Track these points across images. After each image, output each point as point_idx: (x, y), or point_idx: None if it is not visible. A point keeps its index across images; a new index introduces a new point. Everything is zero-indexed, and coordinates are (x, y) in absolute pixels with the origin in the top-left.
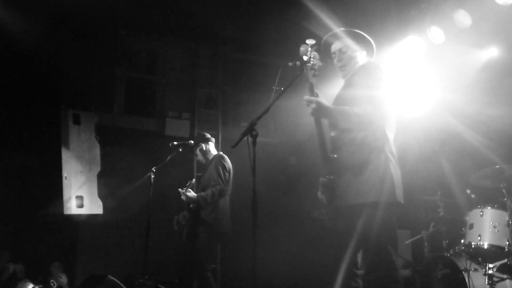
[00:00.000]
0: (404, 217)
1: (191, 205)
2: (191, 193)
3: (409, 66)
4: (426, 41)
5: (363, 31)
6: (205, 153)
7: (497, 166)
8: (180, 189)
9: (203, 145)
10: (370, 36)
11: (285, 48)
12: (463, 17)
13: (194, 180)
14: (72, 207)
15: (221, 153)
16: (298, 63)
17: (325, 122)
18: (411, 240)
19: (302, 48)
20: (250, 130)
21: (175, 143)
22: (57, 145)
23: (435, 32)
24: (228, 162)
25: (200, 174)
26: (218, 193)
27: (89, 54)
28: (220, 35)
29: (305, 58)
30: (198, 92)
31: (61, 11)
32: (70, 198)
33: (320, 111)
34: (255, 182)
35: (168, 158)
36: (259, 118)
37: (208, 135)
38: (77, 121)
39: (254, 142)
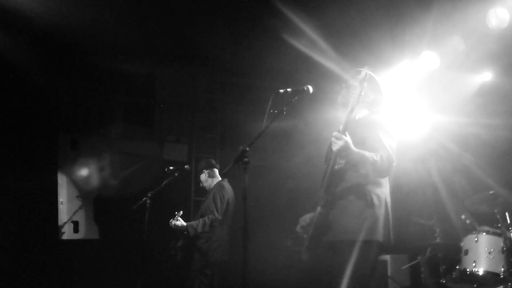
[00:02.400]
0: (402, 242)
1: (185, 232)
2: (180, 222)
3: (404, 90)
4: (420, 66)
5: (359, 56)
6: (208, 179)
7: (491, 192)
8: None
9: (207, 171)
10: (365, 61)
11: (283, 73)
12: (457, 42)
13: (181, 212)
14: (67, 232)
15: (222, 181)
16: (289, 90)
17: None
18: (407, 265)
19: (363, 72)
20: (241, 158)
21: (171, 168)
22: (53, 170)
23: (429, 57)
24: (228, 192)
25: (200, 198)
26: (209, 223)
27: (88, 79)
28: (219, 59)
29: (361, 81)
30: (196, 116)
31: (60, 36)
32: (65, 223)
33: (345, 150)
34: (246, 209)
35: (164, 183)
36: (250, 145)
37: (213, 161)
38: (74, 146)
39: (245, 169)
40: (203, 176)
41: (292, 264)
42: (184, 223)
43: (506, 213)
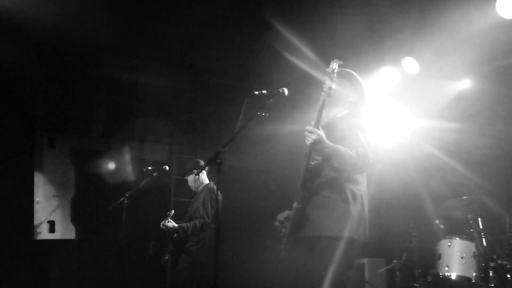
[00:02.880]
0: (379, 246)
1: (174, 235)
2: (171, 224)
3: (384, 95)
4: (401, 71)
5: (340, 61)
6: (197, 180)
7: (464, 197)
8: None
9: (196, 172)
10: (347, 66)
11: (264, 75)
12: (436, 49)
13: (173, 211)
14: (43, 232)
15: (212, 184)
16: (264, 92)
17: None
18: (383, 269)
19: (331, 65)
20: (215, 159)
21: (150, 168)
22: (30, 168)
23: (410, 63)
24: (218, 195)
25: (180, 199)
26: (200, 227)
27: (69, 77)
28: (201, 60)
29: (331, 74)
30: (178, 116)
31: (39, 33)
32: (41, 223)
33: (318, 144)
34: (218, 210)
35: (142, 183)
36: (224, 146)
37: (202, 162)
38: (52, 145)
39: (219, 170)
40: (191, 177)
41: (273, 265)
42: (176, 225)
43: (479, 219)
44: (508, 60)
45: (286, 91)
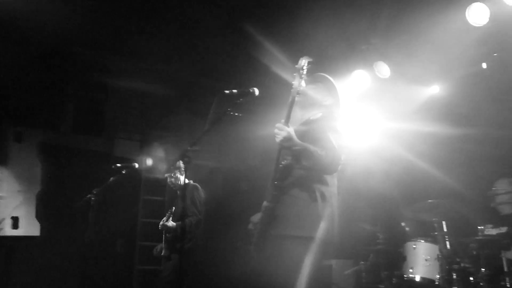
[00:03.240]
0: (347, 247)
1: (167, 235)
2: (171, 223)
3: (356, 98)
4: (372, 75)
5: (309, 58)
6: (177, 179)
7: (430, 201)
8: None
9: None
10: (319, 69)
11: (237, 75)
12: (407, 54)
13: (174, 208)
14: (6, 228)
15: (194, 183)
16: (234, 91)
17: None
18: (350, 270)
19: (300, 61)
20: (182, 157)
21: (119, 165)
22: None
23: (381, 67)
24: (202, 193)
25: (150, 198)
26: (195, 224)
27: (38, 70)
28: (174, 58)
29: (299, 71)
30: (150, 113)
31: (11, 26)
32: (4, 218)
33: (288, 142)
34: (185, 207)
35: (110, 180)
36: (192, 145)
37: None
38: (18, 139)
39: (186, 169)
40: (177, 175)
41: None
42: (174, 224)
43: (444, 222)
44: (475, 68)
45: (257, 91)
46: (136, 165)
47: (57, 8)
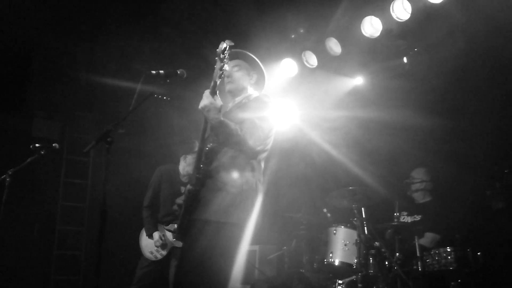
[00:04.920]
0: (270, 233)
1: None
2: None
3: (282, 87)
4: (301, 64)
5: (231, 42)
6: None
7: (350, 188)
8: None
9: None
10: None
11: (164, 56)
12: (334, 46)
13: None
14: None
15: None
16: (161, 72)
17: (208, 133)
18: (273, 255)
19: (221, 45)
20: (105, 137)
21: (37, 145)
22: None
23: (309, 56)
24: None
25: (71, 180)
26: None
27: None
28: (101, 36)
29: (220, 55)
30: (74, 94)
31: None
32: None
33: (208, 112)
34: (105, 192)
35: (27, 161)
36: (115, 125)
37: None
38: None
39: (108, 150)
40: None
41: None
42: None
43: (362, 208)
44: (397, 61)
45: (184, 72)
46: (57, 146)
47: None
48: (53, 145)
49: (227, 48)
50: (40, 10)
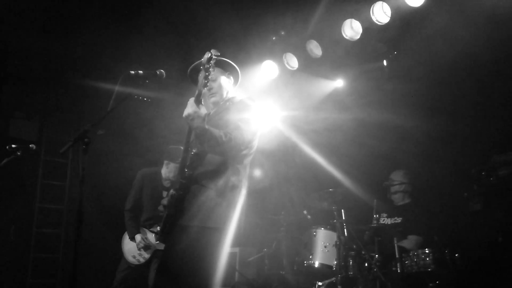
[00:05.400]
0: (251, 236)
1: None
2: None
3: (263, 89)
4: (281, 66)
5: (217, 51)
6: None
7: (330, 189)
8: None
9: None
10: (231, 58)
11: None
12: (315, 48)
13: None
14: None
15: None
16: (140, 72)
17: (192, 137)
18: (253, 257)
19: (206, 55)
20: (82, 137)
21: (13, 146)
22: None
23: (290, 58)
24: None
25: (49, 182)
26: None
27: None
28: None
29: (205, 65)
30: (52, 93)
31: None
32: None
33: (192, 120)
34: (82, 192)
35: (3, 162)
36: (93, 125)
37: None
38: None
39: (85, 150)
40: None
41: None
42: None
43: (342, 210)
44: (376, 64)
45: (163, 73)
46: (34, 147)
47: None
48: (30, 146)
49: (212, 58)
50: (17, 10)
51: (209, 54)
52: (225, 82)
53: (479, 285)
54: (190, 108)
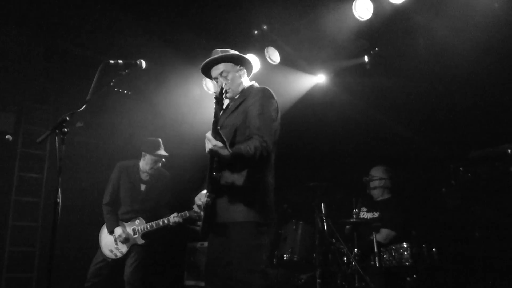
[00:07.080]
0: None
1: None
2: None
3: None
4: (263, 60)
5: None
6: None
7: (310, 184)
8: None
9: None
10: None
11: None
12: (296, 43)
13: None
14: None
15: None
16: (120, 62)
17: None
18: None
19: (218, 88)
20: (60, 127)
21: None
22: None
23: (272, 53)
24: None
25: (25, 174)
26: None
27: None
28: (60, 27)
29: (219, 97)
30: (30, 85)
31: None
32: None
33: (219, 151)
34: (59, 182)
35: None
36: (71, 115)
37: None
38: None
39: (63, 140)
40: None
41: None
42: None
43: (322, 204)
44: (358, 60)
45: (143, 63)
46: (10, 138)
47: None
48: (6, 137)
49: (224, 90)
50: None
51: (219, 89)
52: (237, 76)
53: (456, 280)
54: (209, 143)
